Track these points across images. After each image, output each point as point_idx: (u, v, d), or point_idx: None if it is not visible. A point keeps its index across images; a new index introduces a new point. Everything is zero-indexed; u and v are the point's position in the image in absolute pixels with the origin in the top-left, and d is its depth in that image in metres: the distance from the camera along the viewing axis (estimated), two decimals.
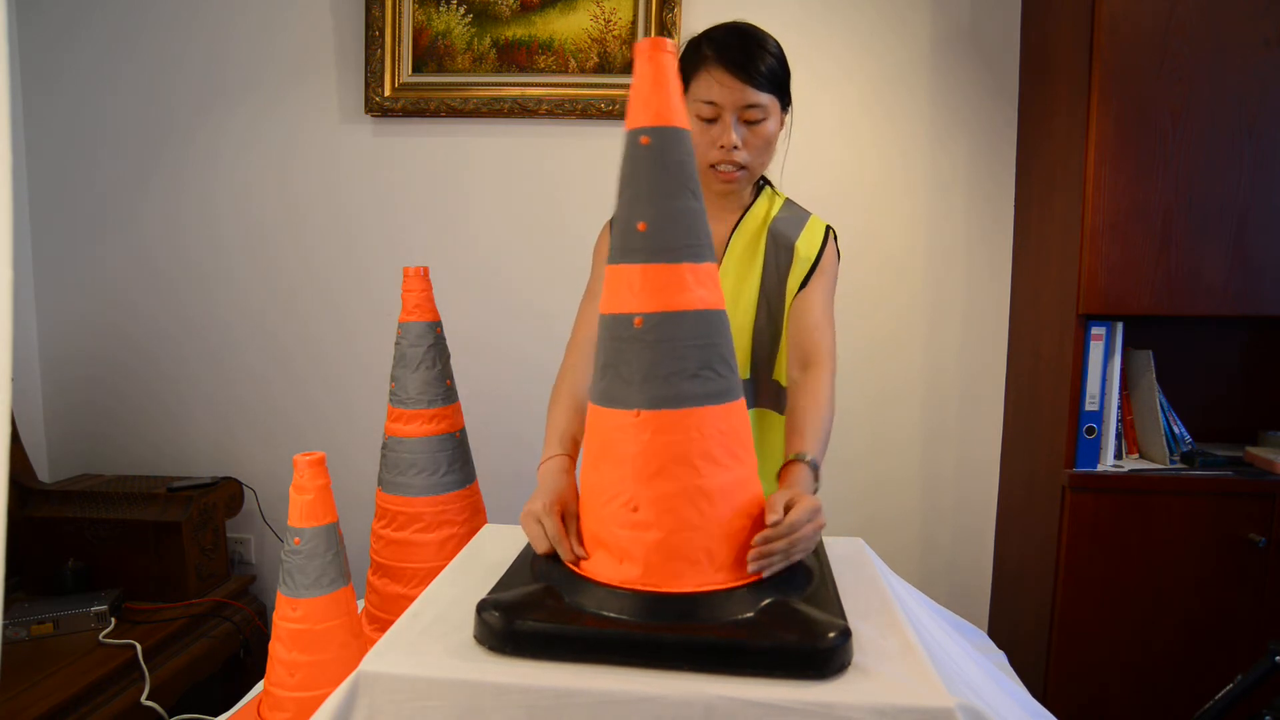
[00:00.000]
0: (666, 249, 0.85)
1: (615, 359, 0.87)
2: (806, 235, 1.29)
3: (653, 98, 0.86)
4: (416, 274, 1.40)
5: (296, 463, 1.06)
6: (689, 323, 0.85)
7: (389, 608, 1.34)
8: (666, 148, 0.86)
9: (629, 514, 0.86)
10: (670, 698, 0.75)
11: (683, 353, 0.85)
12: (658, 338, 0.84)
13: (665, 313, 0.85)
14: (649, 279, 0.85)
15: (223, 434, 2.35)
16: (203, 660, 1.89)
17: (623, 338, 0.86)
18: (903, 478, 2.22)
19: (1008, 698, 0.98)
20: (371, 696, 0.79)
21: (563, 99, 2.14)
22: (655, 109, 0.86)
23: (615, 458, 0.87)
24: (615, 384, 0.87)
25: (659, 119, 0.86)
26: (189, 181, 2.29)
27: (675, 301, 0.85)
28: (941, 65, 2.10)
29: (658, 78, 0.86)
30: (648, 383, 0.84)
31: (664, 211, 0.85)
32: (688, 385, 0.85)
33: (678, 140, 0.86)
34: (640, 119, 0.86)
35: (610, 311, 0.89)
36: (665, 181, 0.86)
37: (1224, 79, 1.66)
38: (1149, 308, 1.72)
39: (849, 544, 1.16)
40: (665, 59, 0.86)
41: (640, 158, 0.86)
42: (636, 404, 0.85)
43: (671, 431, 0.84)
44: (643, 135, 0.86)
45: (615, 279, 0.88)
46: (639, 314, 0.85)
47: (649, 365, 0.84)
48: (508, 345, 2.24)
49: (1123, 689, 1.80)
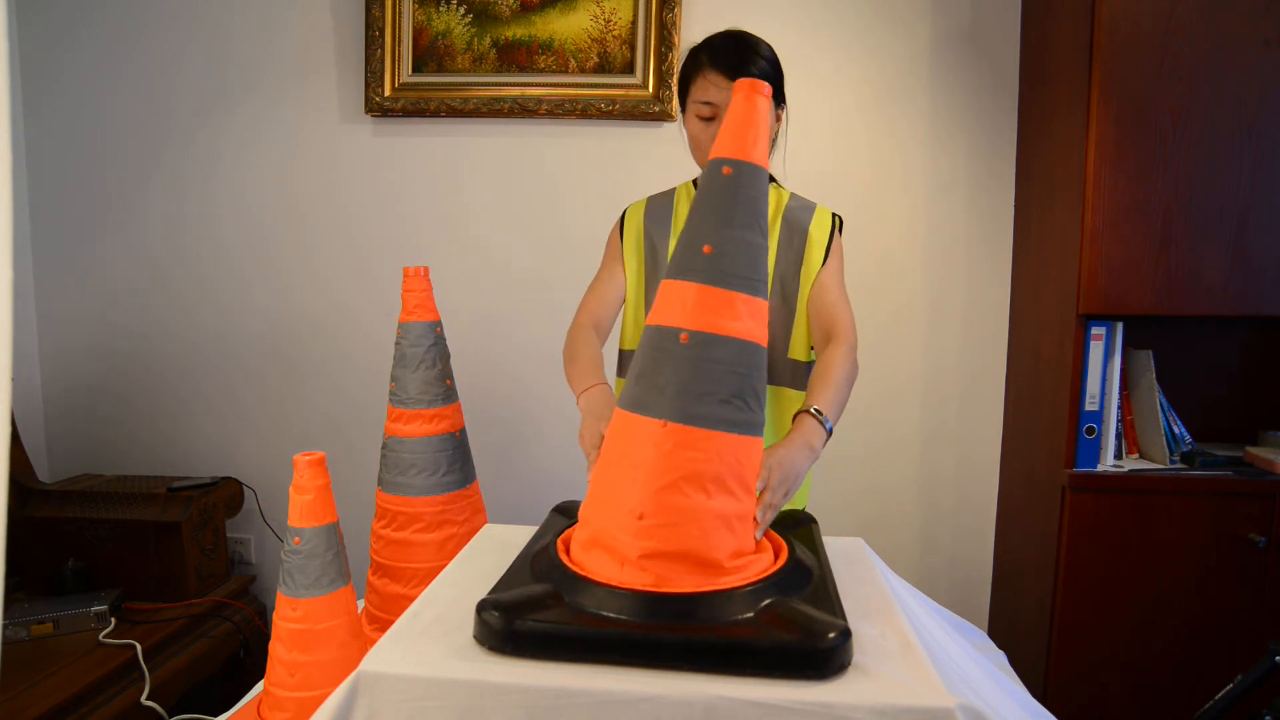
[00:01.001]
0: (726, 274, 0.88)
1: (653, 368, 0.90)
2: (818, 220, 1.37)
3: (743, 134, 0.91)
4: (417, 274, 1.40)
5: (296, 463, 1.06)
6: (732, 349, 0.88)
7: (389, 608, 1.34)
8: (744, 182, 0.90)
9: (634, 520, 0.86)
10: (670, 698, 0.75)
11: (720, 376, 0.87)
12: (699, 355, 0.87)
13: (711, 334, 0.87)
14: (703, 299, 0.88)
15: (223, 434, 2.35)
16: (203, 660, 1.89)
17: (665, 349, 0.89)
18: (903, 478, 2.22)
19: (1008, 698, 0.98)
20: (371, 696, 0.79)
21: (563, 99, 2.14)
22: (742, 144, 0.91)
23: (631, 462, 0.88)
24: (648, 391, 0.89)
25: (743, 154, 0.90)
26: (189, 181, 2.29)
27: (723, 326, 0.88)
28: (941, 65, 2.10)
29: (750, 116, 0.91)
30: (680, 397, 0.87)
31: (730, 239, 0.89)
32: (718, 409, 0.87)
33: (755, 178, 0.91)
34: (726, 150, 0.91)
35: (657, 323, 0.91)
36: (738, 213, 0.90)
37: (1224, 79, 1.66)
38: (1149, 308, 1.72)
39: (849, 544, 1.16)
40: (761, 102, 0.91)
41: (718, 186, 0.91)
42: (665, 415, 0.87)
43: (693, 449, 0.86)
44: (726, 165, 0.90)
45: (669, 294, 0.91)
46: (686, 329, 0.88)
47: (686, 380, 0.87)
48: (508, 345, 2.24)
49: (1123, 689, 1.80)
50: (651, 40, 2.10)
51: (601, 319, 1.37)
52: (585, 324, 1.36)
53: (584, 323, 1.36)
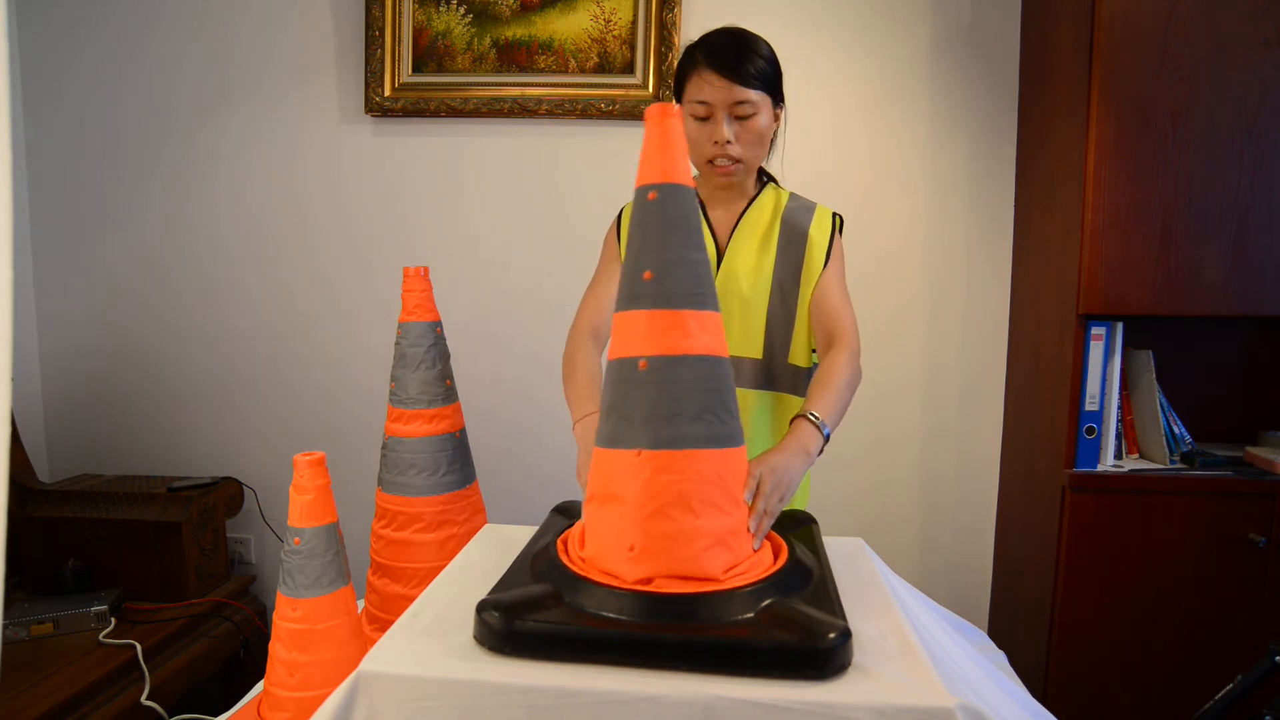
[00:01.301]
0: (671, 295, 0.89)
1: (620, 400, 0.90)
2: (818, 222, 1.36)
3: (660, 157, 0.93)
4: (416, 274, 1.40)
5: (296, 463, 1.06)
6: (691, 366, 0.89)
7: (389, 608, 1.34)
8: (670, 203, 0.91)
9: (627, 553, 0.87)
10: (670, 698, 0.75)
11: (685, 395, 0.88)
12: (661, 379, 0.88)
13: (669, 356, 0.88)
14: (654, 324, 0.89)
15: (223, 434, 2.35)
16: (203, 660, 1.89)
17: (628, 379, 0.89)
18: (903, 478, 2.22)
19: (1008, 698, 0.98)
20: (371, 696, 0.79)
21: (563, 99, 2.14)
22: (662, 167, 0.92)
23: (616, 497, 0.89)
24: (619, 425, 0.90)
25: (665, 176, 0.92)
26: (189, 181, 2.29)
27: (679, 346, 0.88)
28: (941, 65, 2.10)
29: (665, 139, 0.93)
30: (649, 422, 0.87)
31: (669, 261, 0.90)
32: (689, 427, 0.87)
33: (681, 196, 0.92)
34: (648, 176, 0.93)
35: (617, 356, 0.92)
36: (670, 233, 0.91)
37: (1224, 79, 1.66)
38: (1149, 308, 1.72)
39: (849, 544, 1.16)
40: (673, 123, 0.94)
41: (648, 212, 0.92)
42: (638, 443, 0.87)
43: (671, 472, 0.86)
44: (650, 191, 0.92)
45: (622, 326, 0.92)
46: (644, 357, 0.88)
47: (652, 405, 0.87)
48: (508, 345, 2.24)
49: (1123, 689, 1.80)
50: (651, 40, 2.10)
51: (600, 325, 1.35)
52: (584, 331, 1.33)
53: (583, 329, 1.34)
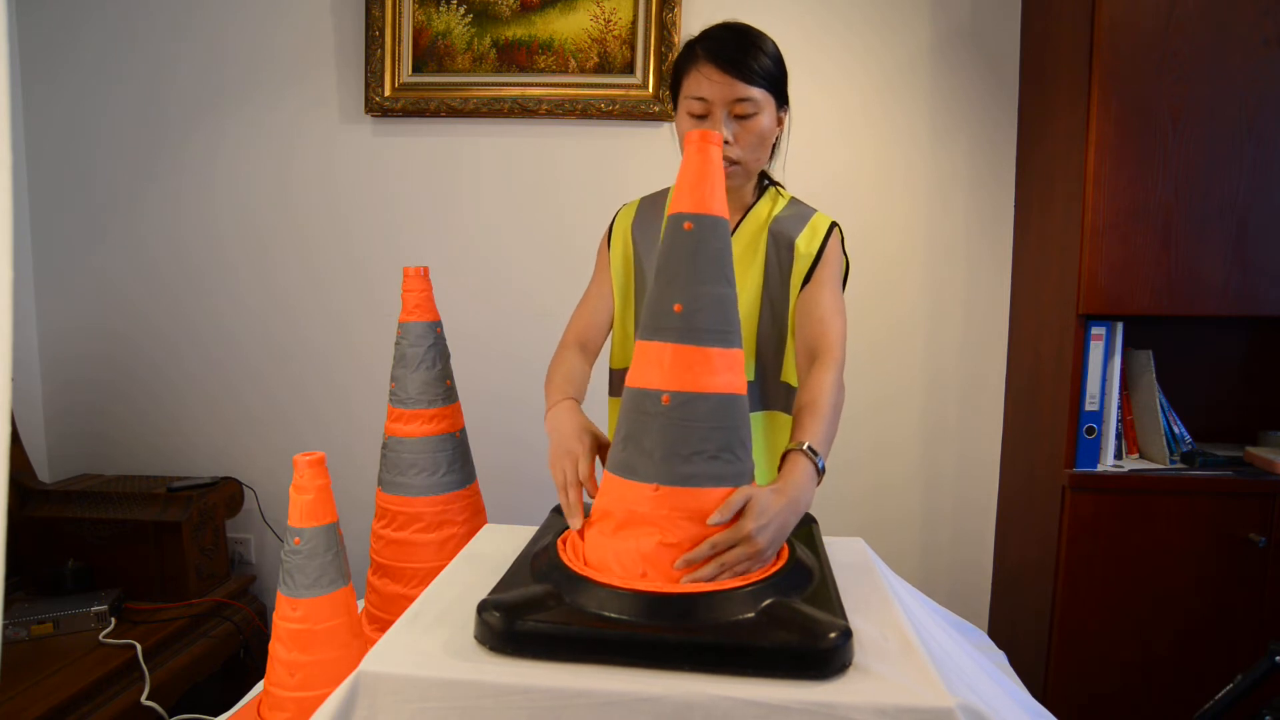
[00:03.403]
0: (699, 331, 0.89)
1: (638, 432, 0.90)
2: (807, 233, 1.27)
3: (698, 186, 0.90)
4: (416, 274, 1.40)
5: (296, 463, 1.06)
6: (713, 405, 0.89)
7: (389, 608, 1.34)
8: (706, 236, 0.90)
9: (639, 578, 0.89)
10: (671, 698, 0.75)
11: (705, 434, 0.89)
12: (682, 416, 0.88)
13: (692, 393, 0.88)
14: (679, 359, 0.89)
15: (223, 434, 2.35)
16: (203, 660, 1.89)
17: (648, 412, 0.90)
18: (903, 478, 2.22)
19: (1008, 698, 0.98)
20: (371, 696, 0.79)
21: (563, 99, 2.14)
22: (699, 197, 0.90)
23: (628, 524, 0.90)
24: (636, 455, 0.90)
25: (702, 207, 0.90)
26: (189, 181, 2.29)
27: (702, 383, 0.89)
28: (941, 65, 2.10)
29: (704, 168, 0.90)
30: (668, 460, 0.88)
31: (699, 296, 0.89)
32: (706, 466, 0.88)
33: (717, 229, 0.91)
34: (685, 205, 0.91)
35: (637, 385, 0.92)
36: (703, 267, 0.90)
37: (1224, 79, 1.66)
38: (1149, 308, 1.72)
39: (849, 544, 1.16)
40: (714, 151, 0.91)
41: (682, 242, 0.90)
42: (655, 479, 0.88)
43: (687, 507, 0.88)
44: (686, 221, 0.90)
45: (645, 355, 0.92)
46: (666, 391, 0.88)
47: (671, 442, 0.88)
48: (508, 345, 2.24)
49: (1123, 689, 1.80)
50: (651, 40, 2.10)
51: (589, 340, 1.32)
52: (570, 344, 1.30)
53: (568, 343, 1.31)
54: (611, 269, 1.36)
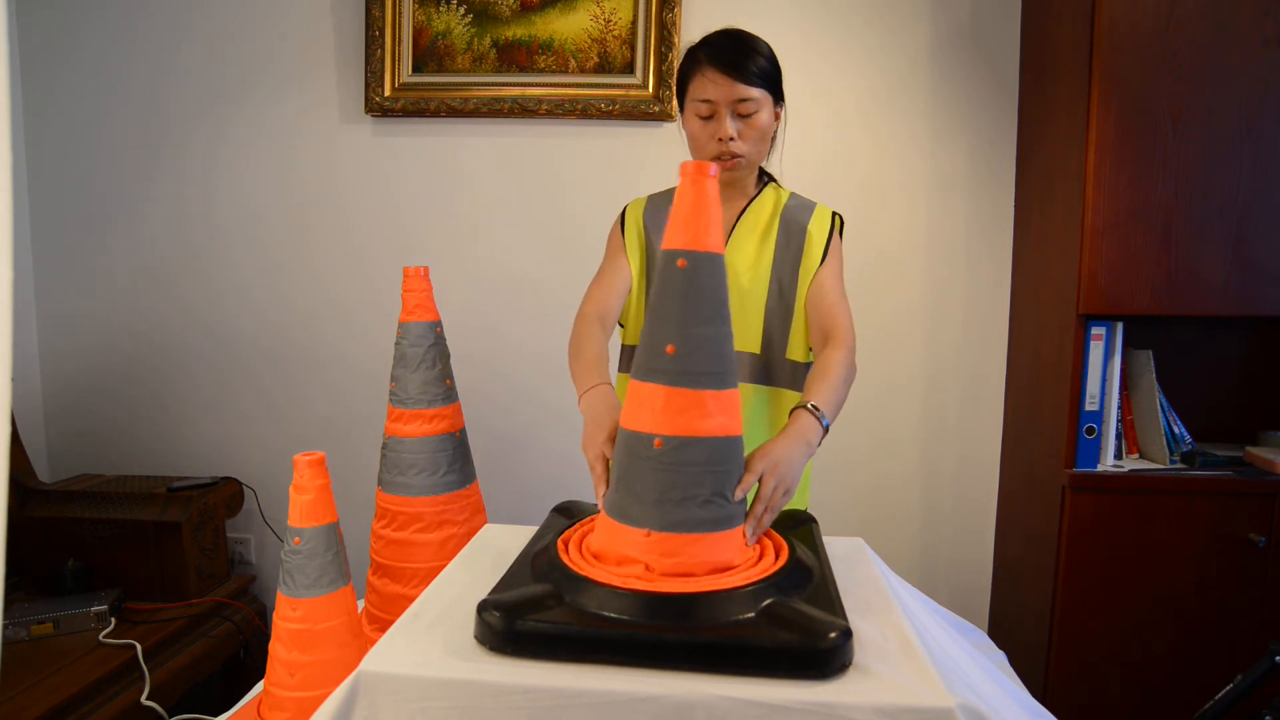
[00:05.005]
0: (692, 374, 0.87)
1: (631, 475, 0.90)
2: (817, 219, 1.37)
3: (693, 221, 0.87)
4: (417, 274, 1.40)
5: (296, 463, 1.06)
6: (706, 449, 0.88)
7: (389, 608, 1.34)
8: (701, 273, 0.87)
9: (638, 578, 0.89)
10: (671, 698, 0.75)
11: (698, 479, 0.88)
12: (675, 461, 0.87)
13: (685, 437, 0.87)
14: (672, 402, 0.87)
15: (223, 434, 2.35)
16: (203, 660, 1.89)
17: (640, 456, 0.89)
18: (903, 478, 2.22)
19: (1008, 698, 0.98)
20: (371, 696, 0.79)
21: (563, 99, 2.14)
22: (694, 233, 0.87)
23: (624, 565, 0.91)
24: (629, 500, 0.90)
25: (696, 244, 0.87)
26: (189, 181, 2.29)
27: (696, 427, 0.87)
28: (941, 65, 2.10)
29: (699, 201, 0.87)
30: (660, 505, 0.88)
31: (693, 337, 0.87)
32: (698, 511, 0.88)
33: (713, 266, 0.88)
34: (679, 241, 0.88)
35: (630, 428, 0.91)
36: (697, 307, 0.87)
37: (1224, 79, 1.66)
38: (1149, 308, 1.72)
39: (849, 544, 1.16)
40: (709, 184, 0.87)
41: (675, 280, 0.88)
42: (648, 524, 0.88)
43: (678, 555, 0.88)
44: (680, 258, 0.87)
45: (637, 396, 0.90)
46: (659, 435, 0.87)
47: (664, 488, 0.87)
48: (508, 345, 2.24)
49: (1123, 689, 1.80)
50: (651, 40, 2.10)
51: (607, 310, 1.34)
52: (590, 314, 1.31)
53: (589, 313, 1.32)
54: (628, 249, 1.40)
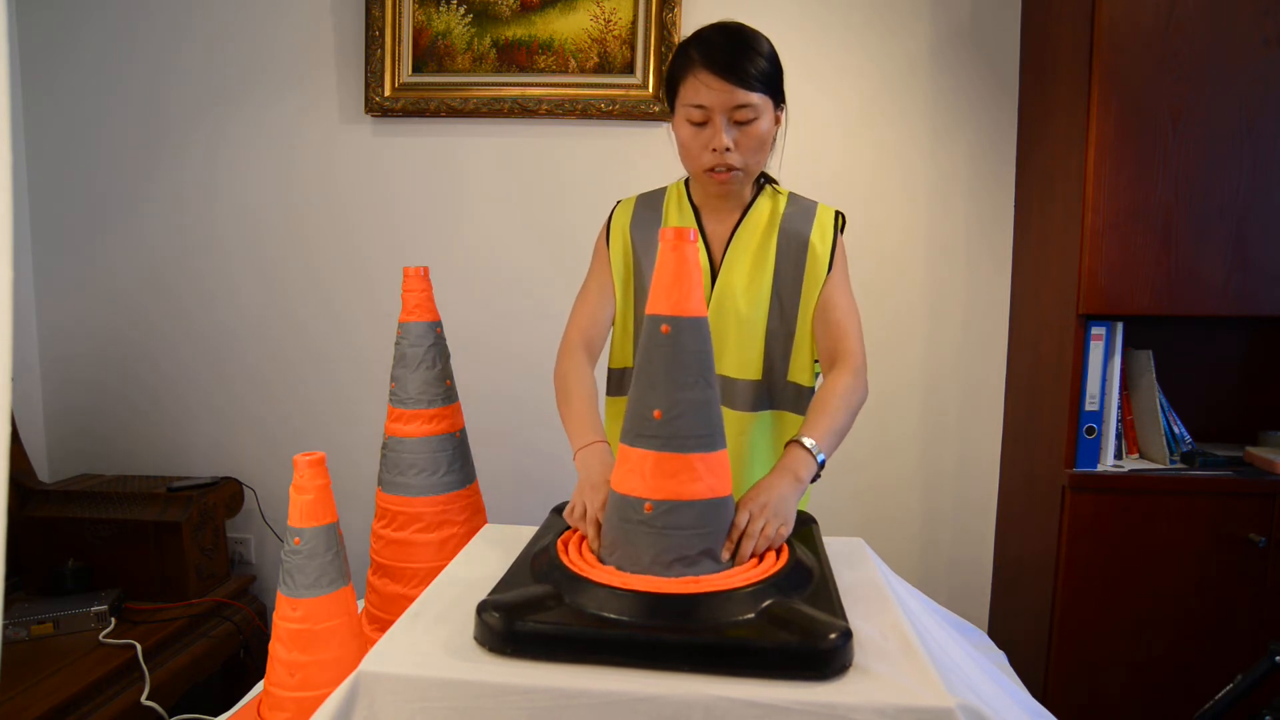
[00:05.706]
0: (680, 438, 0.89)
1: (624, 539, 0.92)
2: (819, 227, 1.28)
3: (674, 288, 0.89)
4: (416, 274, 1.40)
5: (296, 463, 1.06)
6: (696, 512, 0.90)
7: (389, 608, 1.34)
8: (685, 338, 0.89)
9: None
10: (671, 698, 0.75)
11: (688, 541, 0.90)
12: (666, 525, 0.89)
13: (675, 501, 0.89)
14: (661, 467, 0.89)
15: (223, 434, 2.35)
16: (203, 660, 1.89)
17: (632, 520, 0.91)
18: (903, 478, 2.22)
19: (1008, 698, 0.98)
20: (371, 696, 0.79)
21: (563, 99, 2.14)
22: (676, 299, 0.89)
23: None
24: (625, 561, 0.92)
25: (678, 310, 0.89)
26: (189, 181, 2.29)
27: (685, 491, 0.89)
28: (941, 65, 2.10)
29: (680, 268, 0.89)
30: (653, 567, 0.90)
31: (679, 402, 0.89)
32: (687, 570, 0.90)
33: (696, 331, 0.90)
34: (661, 307, 0.90)
35: (622, 492, 0.92)
36: (681, 372, 0.89)
37: (1224, 79, 1.66)
38: (1149, 308, 1.72)
39: (849, 544, 1.16)
40: (689, 250, 0.89)
41: (659, 346, 0.90)
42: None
43: None
44: (663, 324, 0.89)
45: (627, 461, 0.92)
46: (649, 500, 0.89)
47: (657, 551, 0.90)
48: (508, 345, 2.24)
49: (1123, 689, 1.80)
50: (651, 40, 2.10)
51: (593, 338, 1.31)
52: (576, 344, 1.28)
53: (575, 342, 1.28)
54: (611, 265, 1.35)
